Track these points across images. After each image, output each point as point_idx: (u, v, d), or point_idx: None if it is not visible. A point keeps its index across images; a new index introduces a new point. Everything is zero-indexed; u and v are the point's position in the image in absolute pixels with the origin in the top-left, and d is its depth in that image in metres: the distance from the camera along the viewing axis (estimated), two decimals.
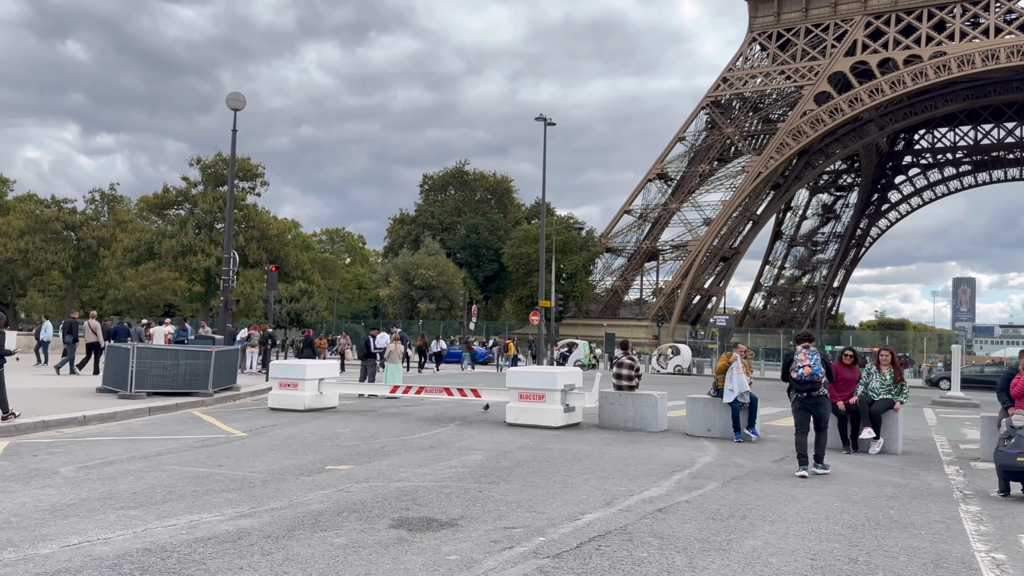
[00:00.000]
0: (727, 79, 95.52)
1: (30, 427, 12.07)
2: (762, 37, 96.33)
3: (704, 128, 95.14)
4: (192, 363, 17.12)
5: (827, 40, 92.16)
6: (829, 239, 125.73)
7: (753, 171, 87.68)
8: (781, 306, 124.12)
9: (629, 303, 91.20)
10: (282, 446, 11.19)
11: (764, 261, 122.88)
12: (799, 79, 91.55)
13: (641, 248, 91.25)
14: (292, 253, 50.84)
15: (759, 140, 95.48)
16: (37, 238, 48.54)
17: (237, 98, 20.94)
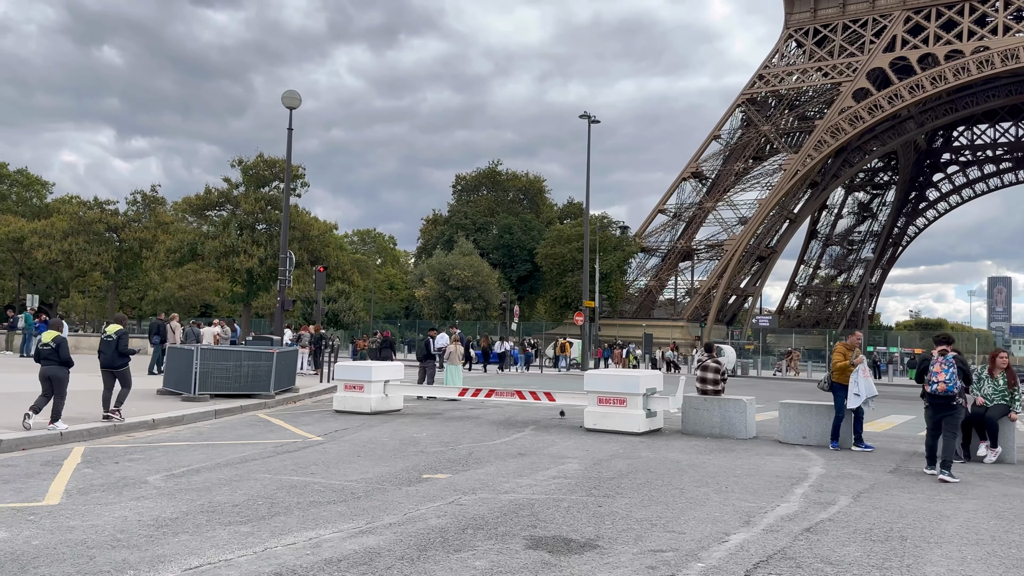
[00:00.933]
0: (763, 76, 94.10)
1: (101, 431, 11.68)
2: (798, 34, 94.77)
3: (739, 126, 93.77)
4: (254, 364, 16.72)
5: (865, 36, 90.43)
6: (866, 238, 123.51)
7: (791, 169, 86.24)
8: (816, 306, 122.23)
9: (664, 303, 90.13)
10: (366, 452, 10.67)
11: (799, 260, 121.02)
12: (837, 76, 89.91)
13: (676, 247, 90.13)
14: (333, 254, 50.61)
15: (795, 138, 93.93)
16: (80, 239, 48.75)
17: (292, 96, 20.54)
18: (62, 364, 11.15)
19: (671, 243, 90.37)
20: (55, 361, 11.10)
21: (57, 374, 11.08)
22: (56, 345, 11.08)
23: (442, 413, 16.01)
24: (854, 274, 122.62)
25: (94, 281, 55.41)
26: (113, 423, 12.02)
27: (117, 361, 12.12)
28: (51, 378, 11.06)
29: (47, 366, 11.14)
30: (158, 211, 51.38)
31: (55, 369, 11.09)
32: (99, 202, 49.88)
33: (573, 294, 77.94)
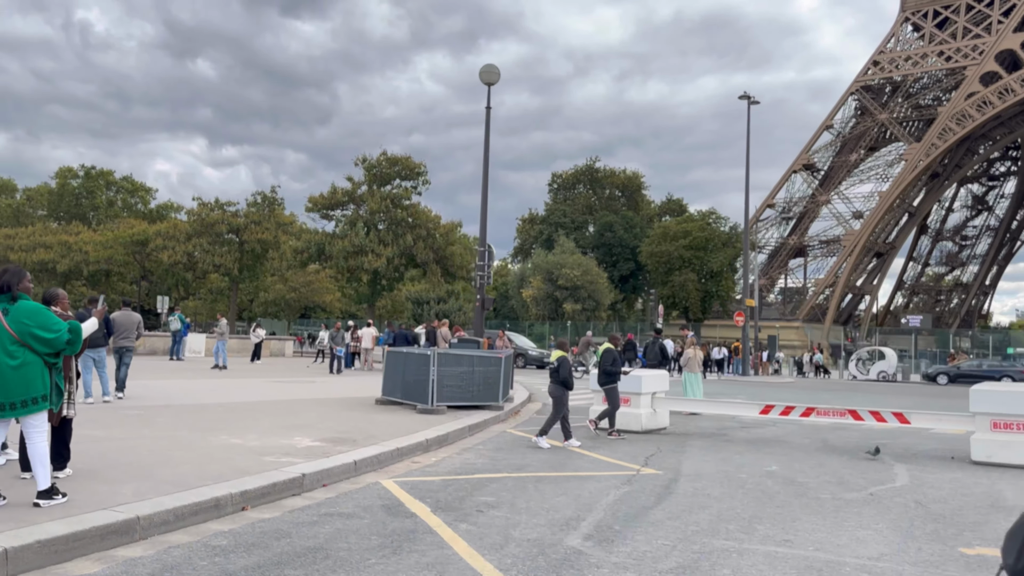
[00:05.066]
0: (878, 62, 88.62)
1: (388, 456, 9.42)
2: (916, 16, 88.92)
3: (853, 115, 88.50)
4: (485, 371, 14.39)
5: (992, 15, 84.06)
6: (981, 232, 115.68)
7: (912, 159, 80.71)
8: (925, 305, 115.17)
9: (775, 303, 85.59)
10: (759, 495, 8.08)
11: (908, 257, 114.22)
12: (960, 59, 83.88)
13: (787, 244, 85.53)
14: (457, 253, 48.65)
15: (914, 127, 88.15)
16: (203, 241, 48.06)
17: (491, 70, 18.27)
18: (562, 384, 11.05)
19: (781, 239, 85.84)
20: (555, 380, 11.11)
21: (556, 393, 11.07)
22: (558, 365, 11.11)
23: (723, 433, 13.35)
24: (967, 271, 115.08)
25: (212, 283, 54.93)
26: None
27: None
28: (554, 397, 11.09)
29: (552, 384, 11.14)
30: (276, 212, 50.41)
31: (556, 389, 11.09)
32: (220, 203, 49.18)
33: (681, 293, 74.47)
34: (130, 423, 10.79)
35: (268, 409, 13.39)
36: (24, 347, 5.73)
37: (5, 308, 5.76)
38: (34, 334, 5.74)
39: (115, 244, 52.63)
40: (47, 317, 5.85)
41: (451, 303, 60.46)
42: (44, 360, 5.85)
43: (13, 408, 5.72)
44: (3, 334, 5.71)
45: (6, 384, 5.67)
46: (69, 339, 5.90)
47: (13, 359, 5.69)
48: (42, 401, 5.82)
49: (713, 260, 73.29)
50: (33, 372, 5.76)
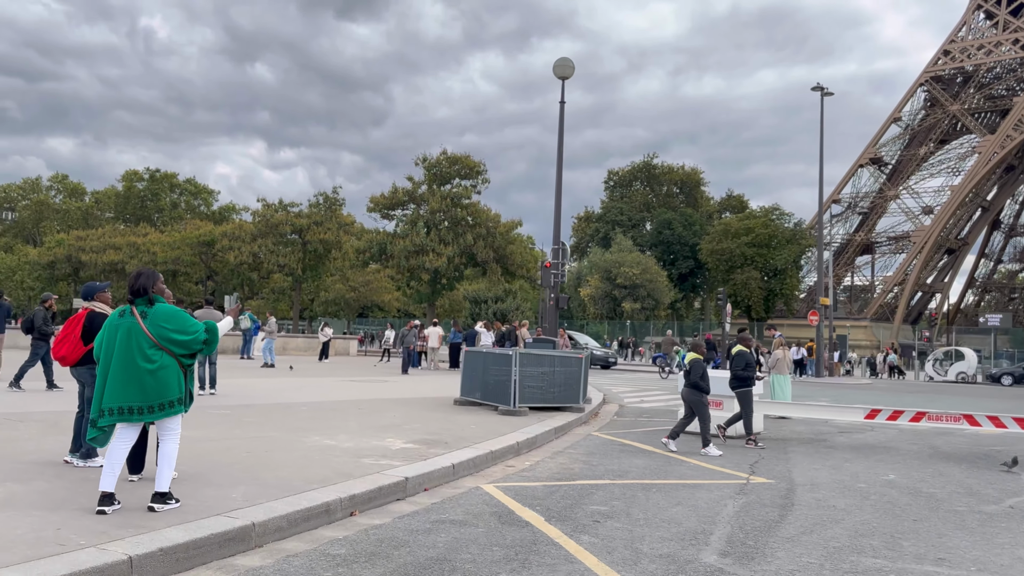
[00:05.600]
0: (948, 52, 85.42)
1: (483, 460, 9.13)
2: (989, 3, 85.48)
3: (922, 107, 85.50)
4: (566, 371, 14.03)
5: None
6: None
7: (986, 152, 77.58)
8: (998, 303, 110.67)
9: (842, 301, 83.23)
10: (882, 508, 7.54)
11: (980, 254, 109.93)
12: None
13: (853, 241, 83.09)
14: (517, 251, 48.39)
15: (988, 118, 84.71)
16: (268, 241, 48.78)
17: (565, 64, 17.87)
18: (695, 387, 10.74)
19: (847, 236, 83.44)
20: (689, 383, 10.78)
21: (692, 398, 10.72)
22: (690, 368, 10.80)
23: (823, 438, 12.73)
24: None
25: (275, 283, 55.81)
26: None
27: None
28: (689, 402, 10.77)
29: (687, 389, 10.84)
30: (338, 212, 50.90)
31: (691, 393, 10.77)
32: (283, 204, 49.86)
33: (743, 292, 72.90)
34: (221, 423, 10.74)
35: (350, 409, 13.27)
36: (161, 350, 5.66)
37: (143, 311, 5.73)
38: (171, 338, 5.67)
39: (182, 245, 53.93)
40: (184, 320, 5.78)
41: (508, 302, 60.29)
42: (179, 363, 5.77)
43: (151, 411, 5.63)
44: (141, 337, 5.64)
45: (144, 387, 5.59)
46: (206, 339, 5.80)
47: (150, 363, 5.61)
48: (178, 404, 5.74)
49: (777, 257, 71.56)
50: (170, 375, 5.68)
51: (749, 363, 11.35)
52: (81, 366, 7.14)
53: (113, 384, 5.59)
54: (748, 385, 11.39)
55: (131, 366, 5.59)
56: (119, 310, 5.86)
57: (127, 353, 5.62)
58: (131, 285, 5.77)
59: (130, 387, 5.57)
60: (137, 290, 5.77)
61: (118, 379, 5.59)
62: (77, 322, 7.15)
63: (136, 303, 5.76)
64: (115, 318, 5.79)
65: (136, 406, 5.59)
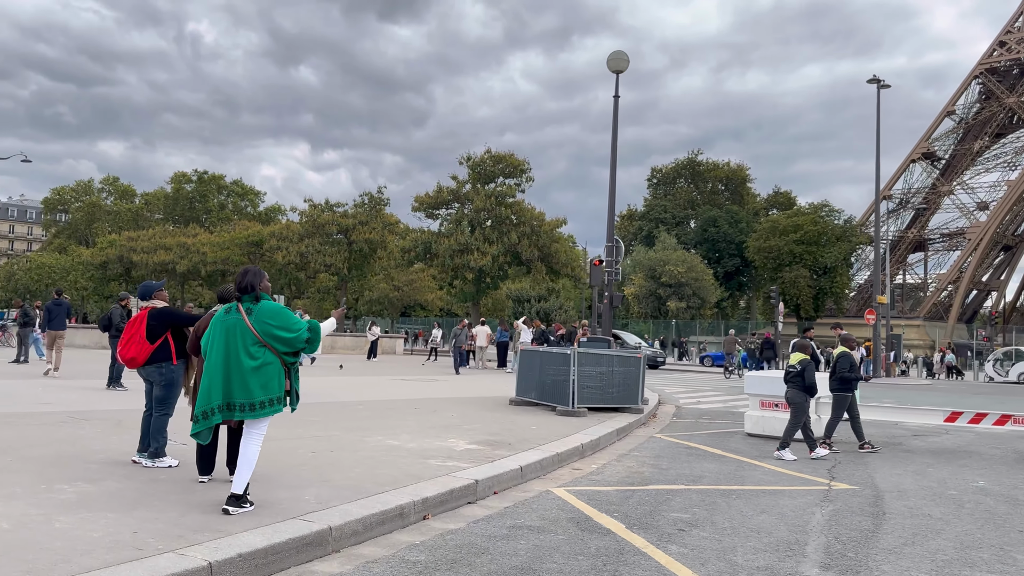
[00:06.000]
0: (1004, 43, 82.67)
1: (550, 462, 8.86)
2: None
3: (977, 100, 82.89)
4: (625, 371, 13.70)
5: None
6: None
7: None
8: None
9: (894, 300, 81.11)
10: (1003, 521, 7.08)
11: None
12: None
13: (905, 238, 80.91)
14: (562, 250, 48.05)
15: None
16: (315, 241, 49.21)
17: (619, 57, 17.51)
18: (804, 390, 10.13)
19: (899, 233, 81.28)
20: (798, 385, 10.15)
21: (796, 399, 10.16)
22: (802, 368, 10.16)
23: (899, 442, 12.19)
24: None
25: (321, 282, 56.32)
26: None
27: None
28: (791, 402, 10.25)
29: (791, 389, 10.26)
30: (382, 212, 51.13)
31: (796, 394, 10.19)
32: (330, 205, 50.22)
33: (792, 290, 71.43)
34: (282, 422, 10.62)
35: (407, 408, 13.12)
36: (265, 347, 5.61)
37: (249, 308, 5.69)
38: (275, 334, 5.60)
39: (231, 245, 54.70)
40: (288, 317, 5.71)
41: (551, 301, 59.94)
42: (282, 361, 5.69)
43: (252, 409, 5.57)
44: (246, 334, 5.61)
45: (247, 385, 5.55)
46: (308, 338, 5.71)
47: (253, 359, 5.57)
48: (277, 403, 5.66)
49: (826, 255, 70.02)
50: (272, 373, 5.62)
51: (854, 364, 10.75)
52: (149, 365, 7.06)
53: (217, 381, 5.59)
54: (850, 389, 10.80)
55: (235, 363, 5.58)
56: (226, 307, 5.86)
57: (232, 350, 5.60)
58: (238, 282, 5.76)
59: (233, 384, 5.57)
60: (244, 287, 5.74)
61: (222, 376, 5.59)
62: (140, 322, 7.06)
63: (243, 300, 5.73)
64: (221, 315, 5.79)
65: (238, 403, 5.56)
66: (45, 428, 9.08)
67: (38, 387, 13.91)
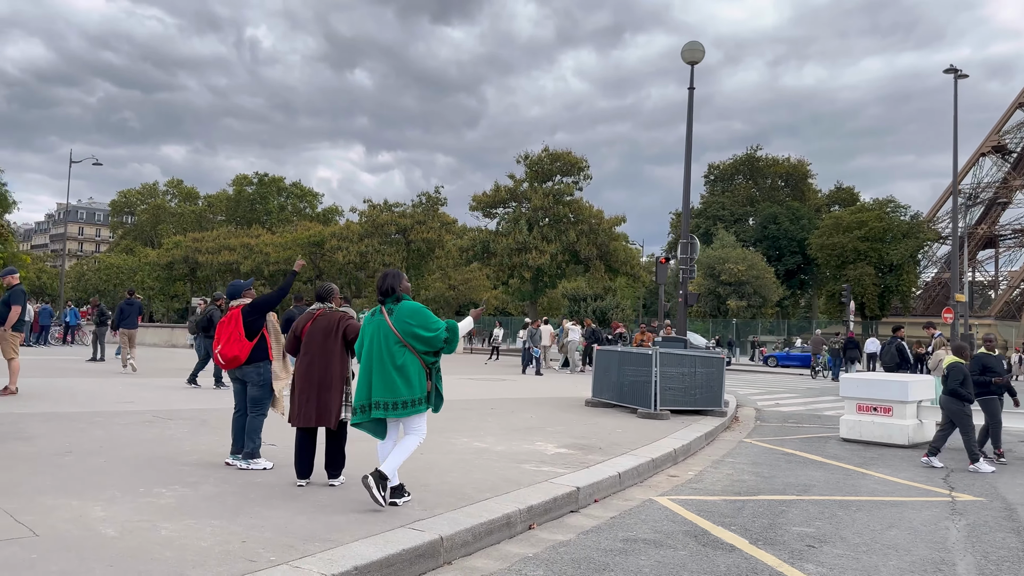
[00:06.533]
0: None
1: (645, 468, 8.45)
2: None
3: None
4: (707, 372, 13.20)
5: None
6: None
7: None
8: None
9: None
10: None
11: None
12: None
13: (975, 234, 77.85)
14: (621, 248, 47.41)
15: None
16: (375, 241, 49.49)
17: (695, 48, 16.93)
18: (955, 395, 9.51)
19: (967, 229, 78.25)
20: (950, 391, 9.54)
21: (952, 407, 9.52)
22: (948, 372, 9.53)
23: (1011, 449, 11.43)
24: None
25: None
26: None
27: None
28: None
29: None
30: (439, 211, 51.19)
31: (950, 401, 9.55)
32: (388, 205, 50.46)
33: (856, 288, 69.32)
34: None
35: (483, 409, 12.84)
36: (406, 347, 5.68)
37: (390, 309, 5.80)
38: (416, 333, 5.67)
39: (293, 245, 55.38)
40: (427, 316, 5.78)
41: (608, 300, 59.27)
42: (423, 361, 5.75)
43: (396, 408, 5.62)
44: (388, 334, 5.70)
45: (391, 384, 5.63)
46: (447, 338, 5.74)
47: (396, 359, 5.65)
48: (423, 402, 5.72)
49: (892, 252, 67.78)
50: (413, 372, 5.68)
51: (988, 367, 9.88)
52: (247, 365, 6.88)
53: (366, 380, 5.74)
54: (992, 393, 9.91)
55: (380, 363, 5.69)
56: (373, 310, 5.99)
57: (377, 351, 5.72)
58: (379, 285, 5.91)
59: (379, 383, 5.67)
60: (385, 289, 5.86)
61: (370, 375, 5.73)
62: (235, 321, 6.89)
63: (384, 302, 5.85)
64: (368, 317, 5.94)
65: (383, 401, 5.63)
66: (132, 428, 9.04)
67: (119, 386, 14.04)
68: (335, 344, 6.40)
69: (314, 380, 6.35)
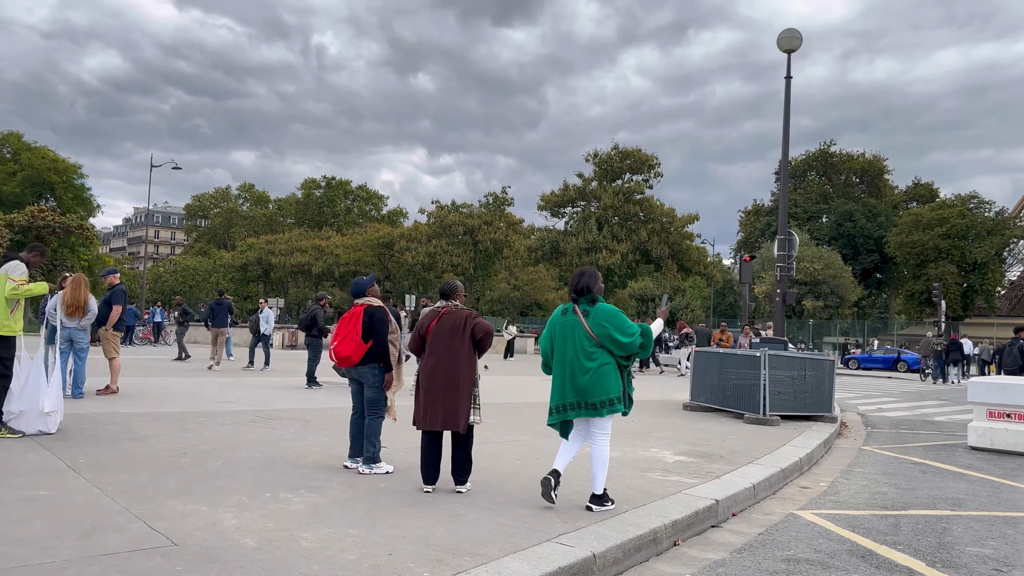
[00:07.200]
0: None
1: (776, 479, 7.90)
2: None
3: None
4: (817, 376, 12.49)
5: None
6: None
7: None
8: None
9: None
10: None
11: None
12: None
13: None
14: (694, 248, 46.42)
15: None
16: (443, 242, 49.65)
17: (792, 36, 16.21)
18: None
19: None
20: None
21: None
22: None
23: None
24: None
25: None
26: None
27: None
28: None
29: None
30: (506, 212, 51.05)
31: None
32: (456, 206, 50.54)
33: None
34: None
35: None
36: (601, 349, 5.61)
37: (585, 310, 5.70)
38: (612, 336, 5.58)
39: (363, 247, 56.05)
40: (623, 320, 5.67)
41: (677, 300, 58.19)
42: (617, 363, 5.66)
43: (592, 408, 5.58)
44: (584, 336, 5.62)
45: (586, 385, 5.56)
46: (642, 344, 5.63)
47: (592, 360, 5.59)
48: (617, 404, 5.63)
49: (976, 250, 64.77)
50: (609, 373, 5.60)
51: None
52: (363, 366, 6.62)
53: (560, 381, 5.68)
54: None
55: (574, 364, 5.61)
56: (561, 308, 5.86)
57: (570, 351, 5.64)
58: (574, 284, 5.79)
59: (574, 384, 5.60)
60: (581, 289, 5.75)
61: (563, 376, 5.66)
62: (356, 320, 6.63)
63: (579, 302, 5.74)
64: (558, 316, 5.82)
65: (577, 402, 5.59)
66: (238, 428, 8.91)
67: (213, 385, 14.10)
68: (462, 343, 6.07)
69: (440, 381, 6.04)
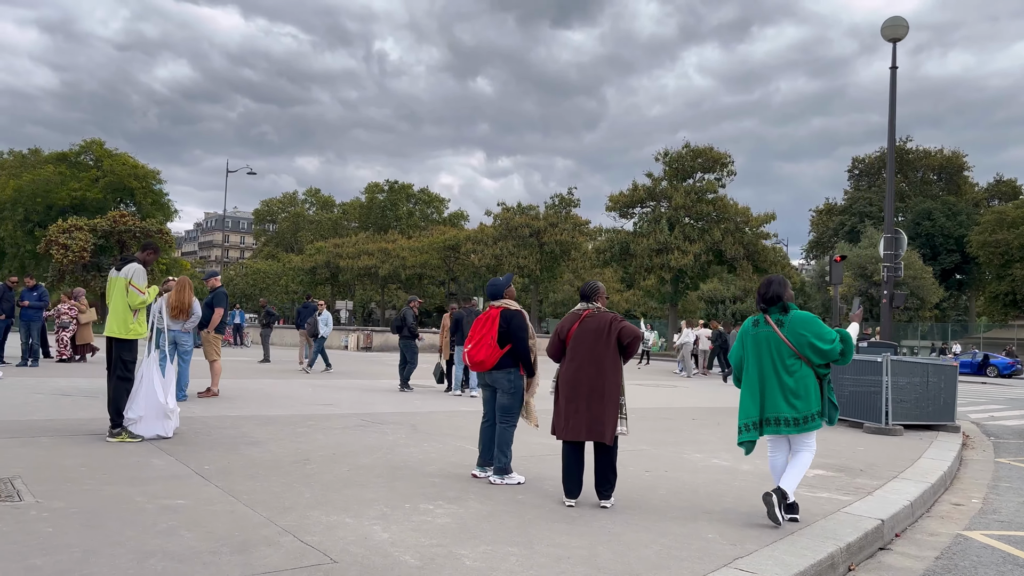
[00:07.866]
0: None
1: (928, 495, 7.29)
2: None
3: None
4: (940, 382, 11.74)
5: None
6: None
7: None
8: None
9: None
10: None
11: None
12: None
13: None
14: (769, 248, 45.19)
15: None
16: (509, 243, 49.49)
17: (897, 24, 15.39)
18: None
19: None
20: None
21: None
22: None
23: None
24: None
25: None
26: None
27: None
28: None
29: None
30: (572, 213, 50.62)
31: None
32: (522, 208, 50.35)
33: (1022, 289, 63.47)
34: None
35: (682, 419, 11.91)
36: (800, 360, 5.22)
37: (779, 319, 5.33)
38: (812, 344, 5.20)
39: (428, 249, 56.33)
40: (820, 326, 5.29)
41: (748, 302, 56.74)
42: (816, 372, 5.28)
43: (792, 424, 5.22)
44: (781, 347, 5.25)
45: (785, 400, 5.20)
46: (842, 349, 5.25)
47: (790, 373, 5.21)
48: (818, 417, 5.28)
49: None
50: (809, 385, 5.22)
51: None
52: (497, 371, 6.29)
53: (754, 395, 5.34)
54: None
55: (770, 377, 5.27)
56: (752, 319, 5.48)
57: (765, 364, 5.29)
58: (763, 293, 5.45)
59: (770, 399, 5.26)
60: (770, 298, 5.41)
61: (757, 390, 5.32)
62: (491, 323, 6.31)
63: (770, 311, 5.41)
64: (748, 327, 5.48)
65: (777, 417, 5.26)
66: (350, 433, 8.71)
67: (306, 387, 14.06)
68: (607, 348, 5.69)
69: (583, 389, 5.67)
